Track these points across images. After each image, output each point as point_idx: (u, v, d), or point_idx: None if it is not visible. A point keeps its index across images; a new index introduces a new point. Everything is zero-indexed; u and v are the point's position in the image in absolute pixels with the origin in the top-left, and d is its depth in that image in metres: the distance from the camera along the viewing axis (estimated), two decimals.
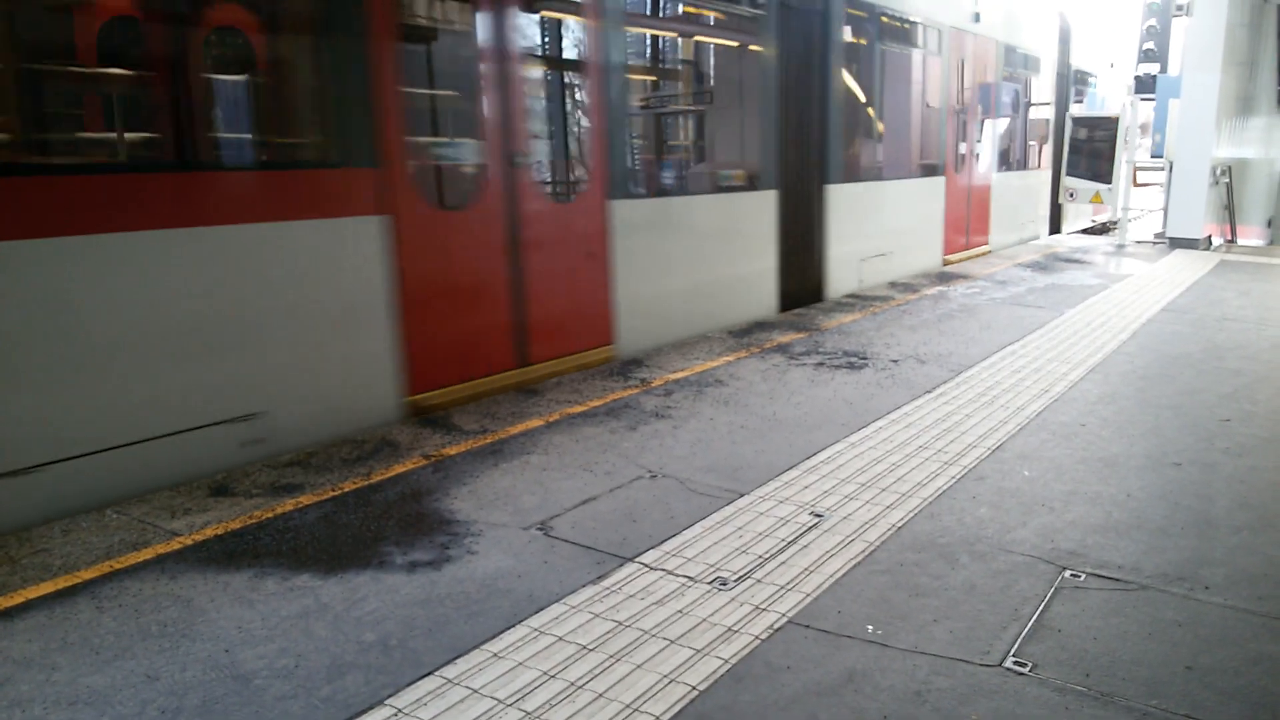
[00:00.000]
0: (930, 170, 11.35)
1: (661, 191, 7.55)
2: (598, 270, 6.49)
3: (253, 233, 4.49)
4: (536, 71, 6.24)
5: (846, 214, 9.30)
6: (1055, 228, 16.31)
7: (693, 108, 8.00)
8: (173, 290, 4.21)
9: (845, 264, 9.45)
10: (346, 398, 5.00)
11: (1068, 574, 3.37)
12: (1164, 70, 15.99)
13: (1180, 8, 15.04)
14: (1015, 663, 2.81)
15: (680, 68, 7.65)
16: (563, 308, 6.27)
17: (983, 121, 12.72)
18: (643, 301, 6.87)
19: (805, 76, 8.48)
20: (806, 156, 8.66)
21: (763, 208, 8.10)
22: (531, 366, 6.11)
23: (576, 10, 6.10)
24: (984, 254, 13.08)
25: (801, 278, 8.83)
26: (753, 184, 8.03)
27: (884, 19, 9.74)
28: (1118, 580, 3.33)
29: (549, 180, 6.49)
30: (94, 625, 3.03)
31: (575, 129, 6.67)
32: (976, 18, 11.89)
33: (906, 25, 10.26)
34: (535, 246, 5.98)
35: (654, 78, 7.55)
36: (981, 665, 2.80)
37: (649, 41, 7.29)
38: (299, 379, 4.77)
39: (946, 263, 11.88)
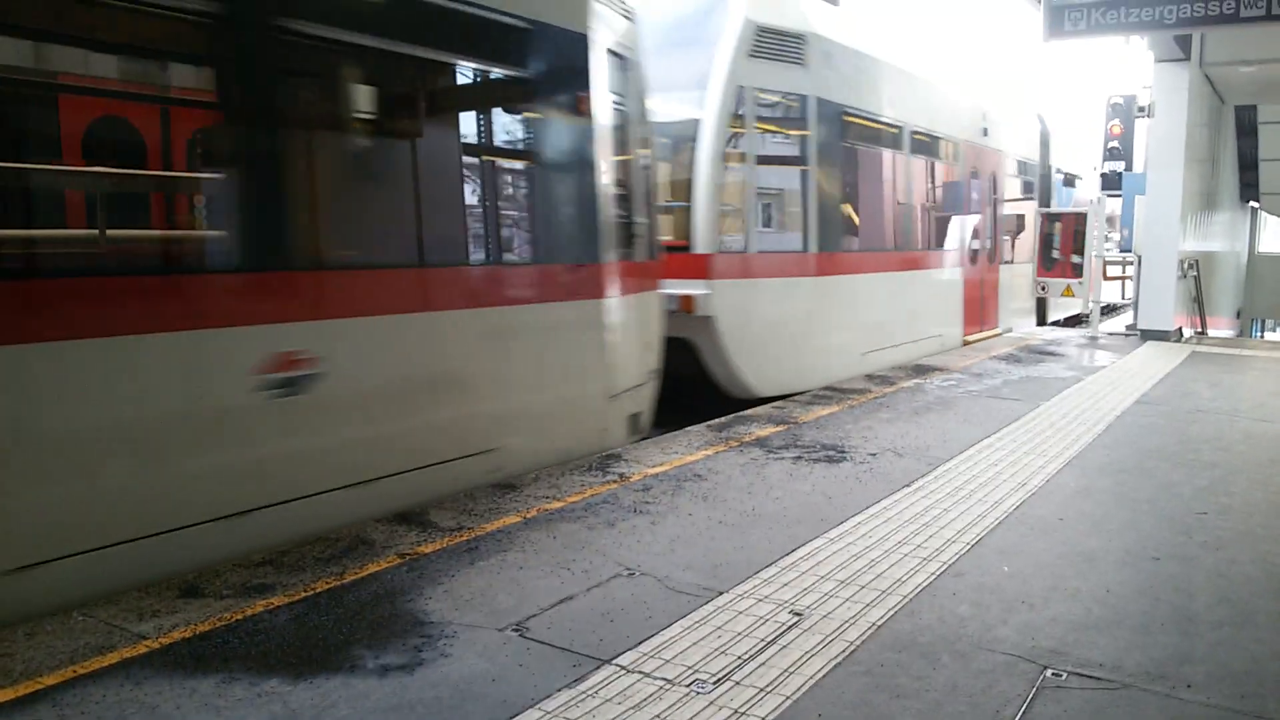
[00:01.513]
0: None
1: (1008, 262, 14.83)
2: (995, 295, 14.27)
3: (927, 274, 12.03)
4: (987, 216, 13.86)
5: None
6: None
7: (1015, 215, 15.31)
8: (907, 295, 11.52)
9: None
10: (952, 337, 12.65)
11: (1049, 673, 3.34)
12: (1129, 168, 16.52)
13: (1142, 109, 15.61)
14: None
15: (1005, 200, 14.81)
16: (989, 311, 14.06)
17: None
18: (1008, 310, 14.77)
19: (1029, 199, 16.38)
20: (1033, 247, 16.04)
21: (1026, 271, 15.53)
22: (981, 332, 13.62)
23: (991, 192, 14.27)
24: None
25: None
26: (1021, 259, 15.63)
27: (1053, 168, 17.71)
28: (1099, 679, 3.31)
29: (988, 256, 13.86)
30: None
31: (992, 233, 14.06)
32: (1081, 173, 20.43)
33: (1060, 172, 18.27)
34: (984, 283, 13.71)
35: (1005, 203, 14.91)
36: None
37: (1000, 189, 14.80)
38: (945, 333, 12.43)
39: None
